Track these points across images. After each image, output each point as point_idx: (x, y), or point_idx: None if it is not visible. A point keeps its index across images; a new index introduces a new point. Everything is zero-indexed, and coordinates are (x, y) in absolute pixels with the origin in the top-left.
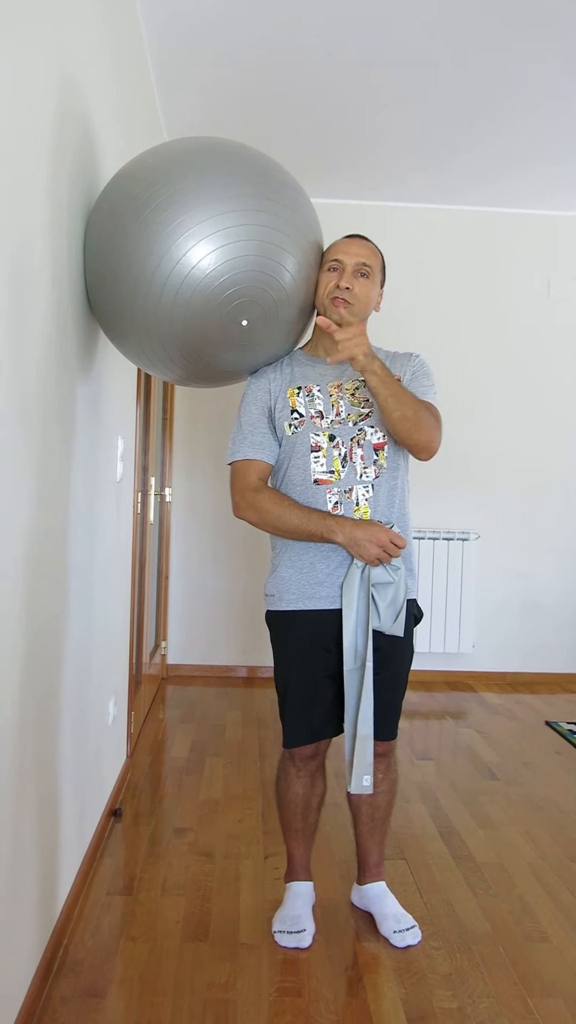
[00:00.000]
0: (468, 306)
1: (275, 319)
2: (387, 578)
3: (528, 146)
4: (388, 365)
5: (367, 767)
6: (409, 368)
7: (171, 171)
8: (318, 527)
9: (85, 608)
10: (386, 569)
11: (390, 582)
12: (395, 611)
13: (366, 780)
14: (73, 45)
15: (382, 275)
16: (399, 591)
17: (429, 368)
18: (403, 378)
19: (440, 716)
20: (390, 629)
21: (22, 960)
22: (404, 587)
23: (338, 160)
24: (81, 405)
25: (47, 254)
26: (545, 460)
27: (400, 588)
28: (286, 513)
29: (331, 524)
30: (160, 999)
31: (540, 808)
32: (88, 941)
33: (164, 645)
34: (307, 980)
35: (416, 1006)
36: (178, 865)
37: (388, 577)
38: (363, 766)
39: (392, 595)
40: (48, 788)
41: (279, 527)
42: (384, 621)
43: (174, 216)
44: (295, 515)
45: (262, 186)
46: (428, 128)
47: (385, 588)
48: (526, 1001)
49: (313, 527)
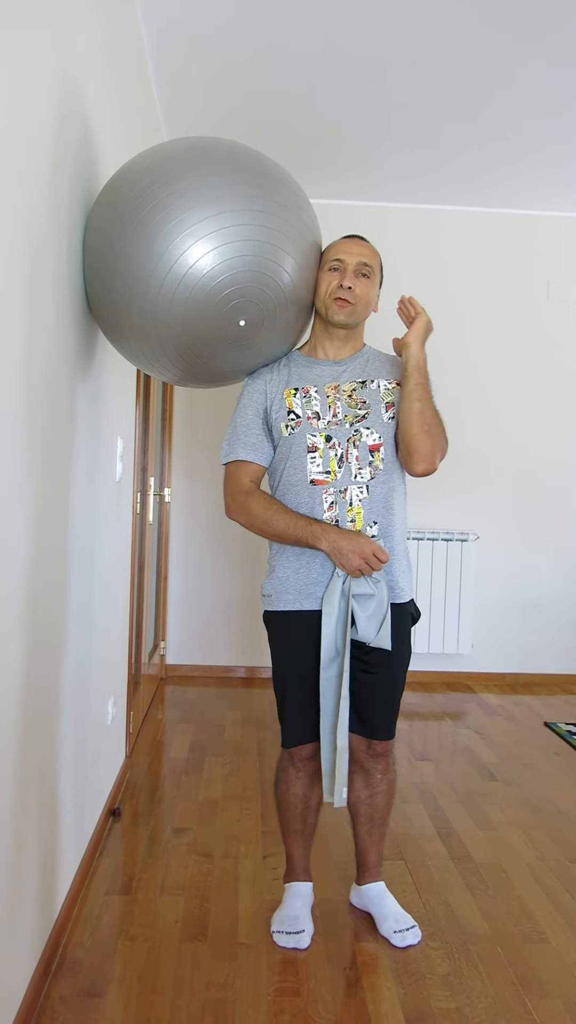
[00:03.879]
0: (470, 307)
1: (273, 320)
2: (368, 590)
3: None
4: (390, 368)
5: (345, 779)
6: None
7: (170, 170)
8: (304, 533)
9: (84, 608)
10: (367, 581)
11: (371, 594)
12: (377, 622)
13: (345, 792)
14: (72, 45)
15: (381, 276)
16: (381, 602)
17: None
18: None
19: (439, 717)
20: (374, 641)
21: (21, 959)
22: (387, 599)
23: (339, 161)
24: (81, 405)
25: (47, 254)
26: (545, 461)
27: (382, 600)
28: (273, 517)
29: (316, 531)
30: (159, 999)
31: (539, 809)
32: (87, 940)
33: (163, 645)
34: (306, 980)
35: (414, 1006)
36: (177, 865)
37: (369, 589)
38: (343, 778)
39: (374, 607)
40: (47, 788)
41: (266, 531)
42: (366, 632)
43: (172, 215)
44: (282, 519)
45: (261, 186)
46: (431, 130)
47: (367, 600)
48: (524, 1002)
49: (299, 532)
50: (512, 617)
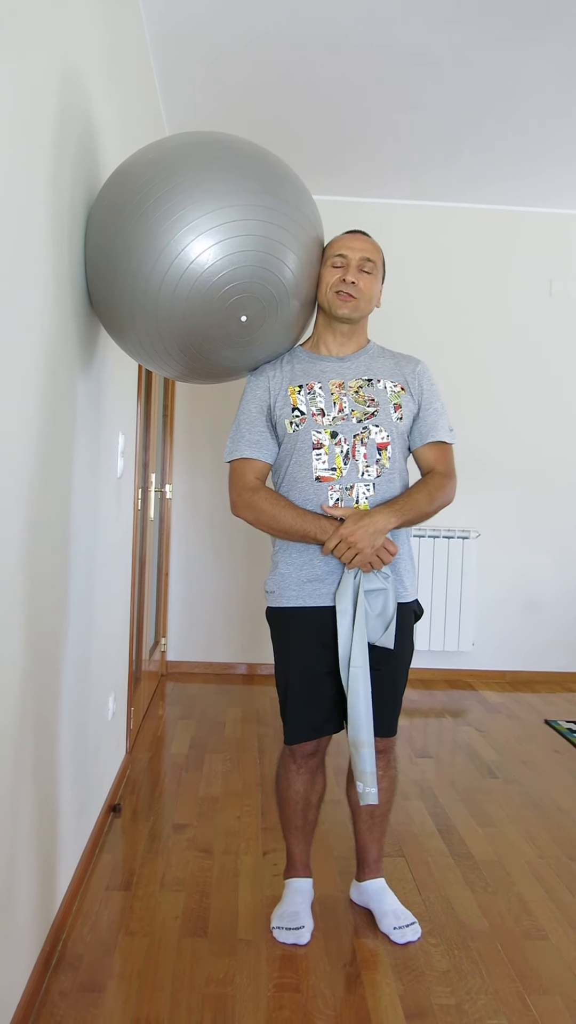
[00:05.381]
0: (472, 304)
1: (275, 316)
2: (379, 584)
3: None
4: (393, 368)
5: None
6: (415, 381)
7: (171, 165)
8: (312, 528)
9: (85, 604)
10: (378, 576)
11: (382, 588)
12: (384, 621)
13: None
14: (74, 38)
15: (383, 271)
16: (389, 600)
17: (437, 385)
18: (410, 390)
19: (440, 714)
20: (380, 640)
21: (21, 954)
22: (394, 596)
23: (343, 158)
24: (82, 400)
25: (48, 249)
26: (546, 459)
27: (391, 597)
28: (281, 513)
29: (325, 525)
30: (159, 994)
31: (539, 807)
32: (87, 936)
33: (164, 642)
34: (305, 976)
35: (414, 1002)
36: (177, 861)
37: (380, 583)
38: (373, 776)
39: (382, 604)
40: (47, 783)
41: (274, 527)
42: (372, 632)
43: (173, 210)
44: (290, 515)
45: (264, 181)
46: (435, 126)
47: (376, 596)
48: (524, 998)
49: (307, 527)
50: (513, 615)
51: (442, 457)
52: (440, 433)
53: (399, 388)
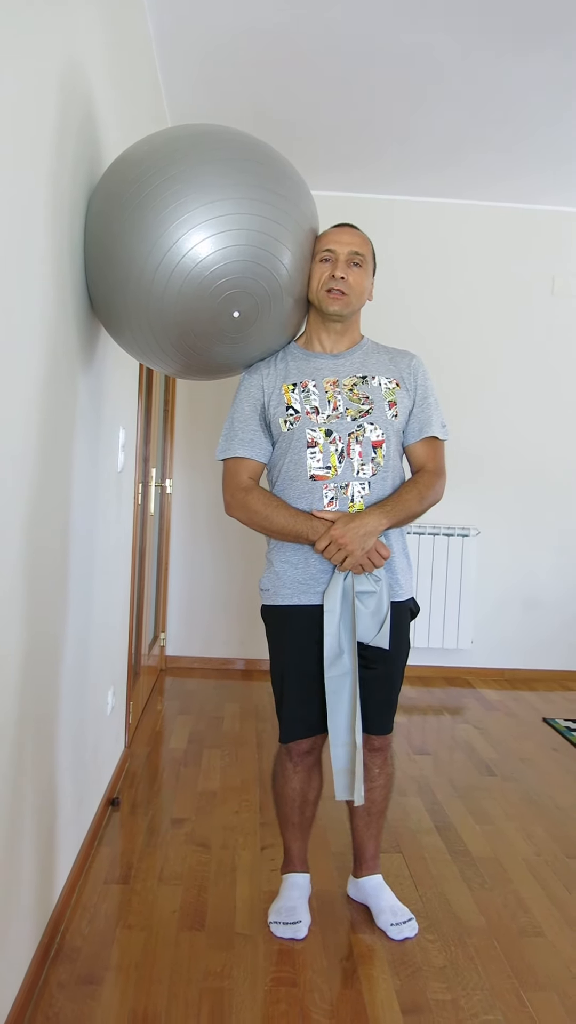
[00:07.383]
0: (473, 302)
1: (268, 312)
2: (370, 587)
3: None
4: (388, 364)
5: (362, 777)
6: (410, 376)
7: (168, 156)
8: (305, 528)
9: (85, 598)
10: (368, 578)
11: (372, 591)
12: (378, 621)
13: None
14: (76, 28)
15: (374, 263)
16: (382, 601)
17: (431, 381)
18: (405, 386)
19: (438, 711)
20: (373, 640)
21: (20, 946)
22: (387, 597)
23: (344, 154)
24: (83, 395)
25: (49, 241)
26: (546, 457)
27: (383, 598)
28: (274, 513)
29: (317, 526)
30: (156, 987)
31: (536, 804)
32: (85, 929)
33: (163, 637)
34: (302, 970)
35: (410, 998)
36: (175, 855)
37: (371, 586)
38: (361, 776)
39: (375, 605)
40: (46, 777)
41: (267, 527)
42: (366, 632)
43: (168, 202)
44: (283, 516)
45: (261, 175)
46: (437, 125)
47: (368, 597)
48: (520, 994)
49: (300, 528)
50: (512, 613)
51: (433, 454)
52: (433, 429)
53: (394, 384)
